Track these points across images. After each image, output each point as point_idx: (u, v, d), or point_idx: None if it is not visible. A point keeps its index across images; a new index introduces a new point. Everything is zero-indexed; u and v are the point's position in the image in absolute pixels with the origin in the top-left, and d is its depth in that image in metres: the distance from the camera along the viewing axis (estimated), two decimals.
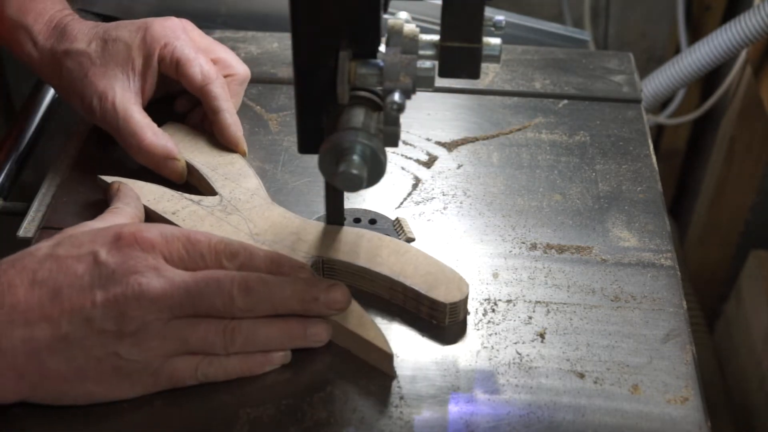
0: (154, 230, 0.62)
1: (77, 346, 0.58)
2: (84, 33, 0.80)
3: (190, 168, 0.78)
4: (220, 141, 0.80)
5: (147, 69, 0.79)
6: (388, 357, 0.64)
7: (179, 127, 0.82)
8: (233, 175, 0.77)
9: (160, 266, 0.60)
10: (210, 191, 0.77)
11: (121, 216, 0.69)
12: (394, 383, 0.64)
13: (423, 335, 0.68)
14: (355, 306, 0.66)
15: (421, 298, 0.68)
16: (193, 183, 0.79)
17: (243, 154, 0.80)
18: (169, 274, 0.60)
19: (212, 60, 0.82)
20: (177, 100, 0.85)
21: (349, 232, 0.72)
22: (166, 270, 0.60)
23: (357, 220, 0.78)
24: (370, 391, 0.64)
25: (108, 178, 0.75)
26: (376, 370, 0.65)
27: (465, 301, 0.68)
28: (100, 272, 0.59)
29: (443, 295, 0.67)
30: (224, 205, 0.74)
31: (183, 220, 0.72)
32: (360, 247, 0.70)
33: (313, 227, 0.72)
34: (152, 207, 0.73)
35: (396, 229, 0.76)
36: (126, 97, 0.78)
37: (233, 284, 0.61)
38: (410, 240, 0.75)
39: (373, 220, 0.78)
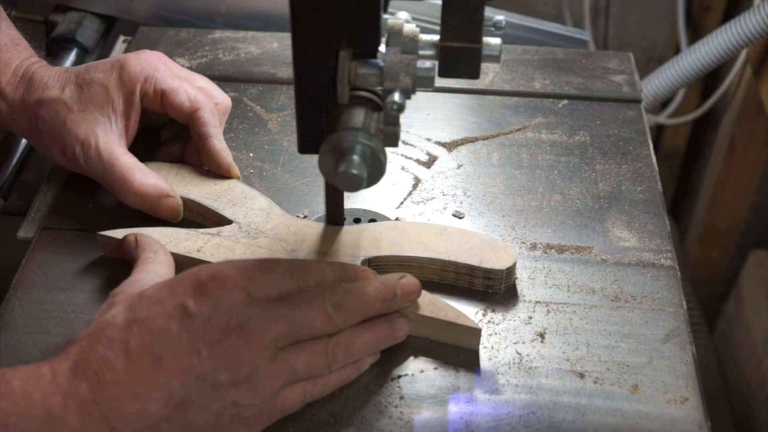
0: (229, 267, 0.60)
1: (195, 407, 0.56)
2: (55, 79, 0.76)
3: (189, 203, 0.75)
4: (210, 168, 0.78)
5: (129, 107, 0.76)
6: (477, 332, 0.66)
7: (161, 165, 0.78)
8: (239, 199, 0.75)
9: (252, 302, 0.58)
10: (221, 221, 0.74)
11: (159, 265, 0.66)
12: (395, 383, 0.64)
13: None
14: (424, 294, 0.66)
15: (476, 271, 0.69)
16: (194, 219, 0.76)
17: (237, 178, 0.78)
18: (263, 308, 0.58)
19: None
20: (162, 130, 0.83)
21: (376, 227, 0.72)
22: (259, 305, 0.58)
23: (357, 220, 0.78)
24: (370, 391, 0.64)
25: (110, 233, 0.72)
26: (376, 369, 0.65)
27: (515, 263, 0.70)
28: (196, 325, 0.57)
29: (497, 262, 0.69)
30: (246, 230, 0.72)
31: (211, 255, 0.70)
32: (397, 238, 0.71)
33: (338, 231, 0.72)
34: (174, 250, 0.70)
35: None
36: (110, 140, 0.74)
37: (325, 301, 0.60)
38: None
39: (373, 220, 0.78)
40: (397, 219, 0.77)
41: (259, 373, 0.57)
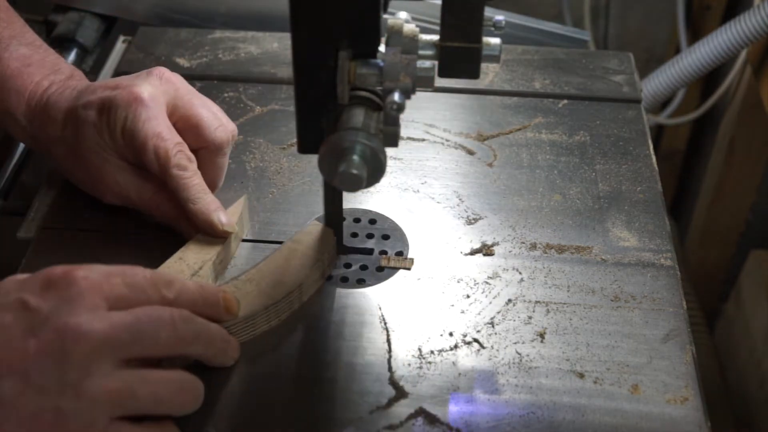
0: (90, 268, 0.57)
1: (9, 405, 0.52)
2: (62, 113, 0.73)
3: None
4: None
5: (121, 149, 0.72)
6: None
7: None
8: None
9: (100, 307, 0.55)
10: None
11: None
12: (394, 383, 0.64)
13: (422, 335, 0.68)
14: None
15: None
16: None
17: (225, 235, 0.72)
18: (109, 315, 0.55)
19: (185, 126, 0.74)
20: None
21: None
22: (106, 312, 0.55)
23: (357, 220, 0.78)
24: (370, 390, 0.64)
25: None
26: (375, 369, 0.65)
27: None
28: (32, 320, 0.54)
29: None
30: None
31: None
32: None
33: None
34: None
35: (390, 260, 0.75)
36: (124, 178, 0.73)
37: (173, 314, 0.58)
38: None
39: (373, 220, 0.78)
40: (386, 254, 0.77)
41: (90, 379, 0.53)
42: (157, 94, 0.73)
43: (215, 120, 0.75)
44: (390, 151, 0.63)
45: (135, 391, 0.55)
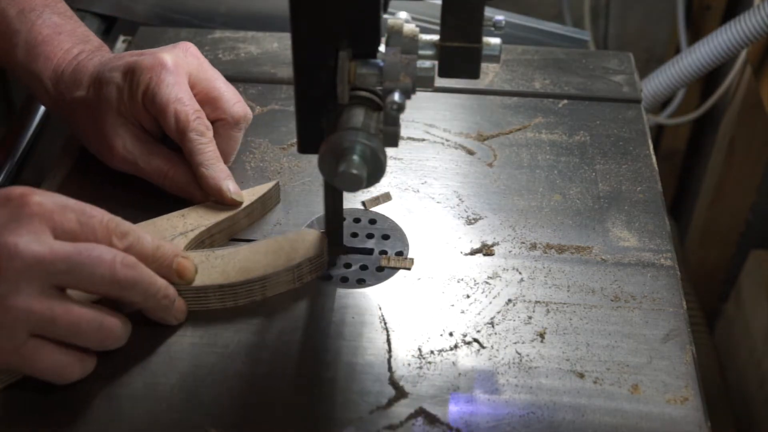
0: (48, 197, 0.60)
1: None
2: (87, 75, 0.77)
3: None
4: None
5: (140, 112, 0.76)
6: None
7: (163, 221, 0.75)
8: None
9: (44, 233, 0.58)
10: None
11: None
12: (394, 383, 0.64)
13: (422, 335, 0.68)
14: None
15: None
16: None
17: (233, 204, 0.75)
18: (51, 241, 0.58)
19: (205, 99, 0.78)
20: None
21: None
22: (49, 238, 0.58)
23: (357, 220, 0.78)
24: (370, 390, 0.64)
25: None
26: (375, 369, 0.65)
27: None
28: None
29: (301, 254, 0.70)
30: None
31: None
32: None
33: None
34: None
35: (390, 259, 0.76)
36: (132, 147, 0.76)
37: (116, 256, 0.60)
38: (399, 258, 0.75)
39: (373, 220, 0.78)
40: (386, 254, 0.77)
41: (16, 298, 0.57)
42: (181, 64, 0.76)
43: (234, 95, 0.79)
44: (390, 151, 0.63)
45: (56, 317, 0.58)
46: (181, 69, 0.76)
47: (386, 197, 0.79)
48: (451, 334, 0.68)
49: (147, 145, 0.76)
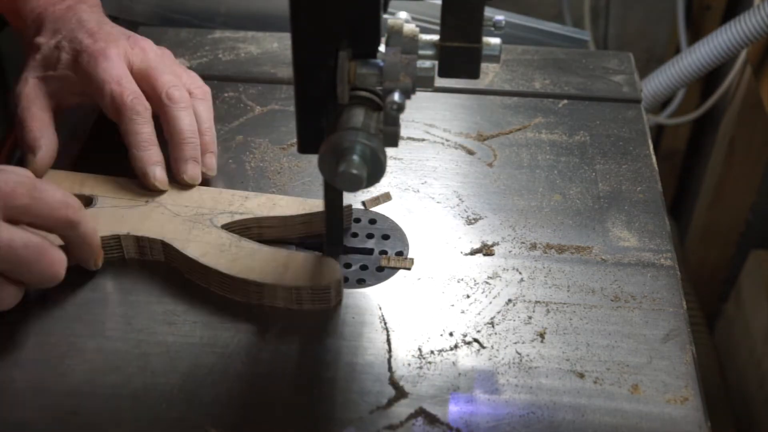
0: (2, 176, 0.62)
1: None
2: (51, 26, 0.80)
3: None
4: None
5: (67, 87, 0.78)
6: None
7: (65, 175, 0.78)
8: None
9: None
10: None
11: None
12: (394, 383, 0.64)
13: (422, 335, 0.68)
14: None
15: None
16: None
17: (154, 189, 0.75)
18: None
19: (146, 88, 0.78)
20: None
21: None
22: None
23: (357, 220, 0.78)
24: (370, 390, 0.64)
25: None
26: (375, 369, 0.65)
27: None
28: None
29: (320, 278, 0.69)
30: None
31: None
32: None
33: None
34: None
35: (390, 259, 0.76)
36: (33, 93, 0.77)
37: (57, 262, 0.63)
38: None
39: (373, 220, 0.78)
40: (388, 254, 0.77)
41: None
42: (123, 54, 0.78)
43: (173, 79, 0.78)
44: (390, 151, 0.63)
45: None
46: (122, 57, 0.77)
47: (386, 197, 0.79)
48: (451, 334, 0.68)
49: (37, 100, 0.77)
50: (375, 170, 0.61)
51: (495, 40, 0.62)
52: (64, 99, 0.79)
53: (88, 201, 0.75)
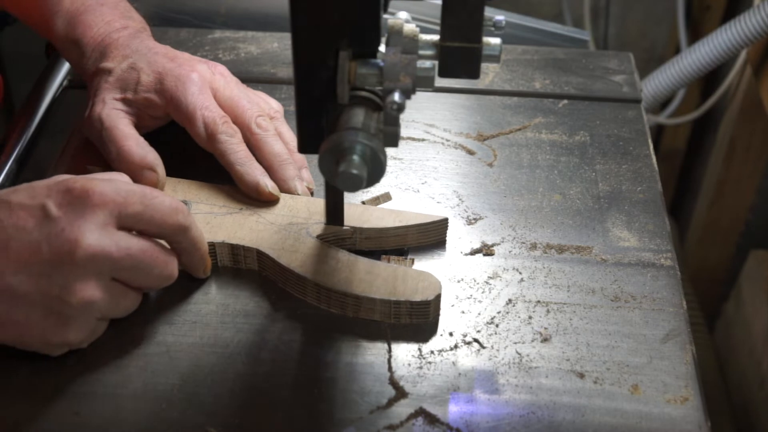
0: (108, 185, 0.62)
1: (20, 297, 0.60)
2: (119, 52, 0.80)
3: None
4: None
5: (149, 109, 0.78)
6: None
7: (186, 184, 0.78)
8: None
9: (110, 225, 0.61)
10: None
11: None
12: (394, 383, 0.64)
13: (422, 335, 0.68)
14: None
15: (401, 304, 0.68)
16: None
17: (271, 199, 0.76)
18: (116, 235, 0.61)
19: (230, 116, 0.79)
20: None
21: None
22: (114, 232, 0.61)
23: None
24: (370, 390, 0.64)
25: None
26: (375, 369, 0.65)
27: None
28: (50, 229, 0.60)
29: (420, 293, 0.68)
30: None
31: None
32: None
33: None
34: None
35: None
36: (114, 113, 0.77)
37: (170, 261, 0.65)
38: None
39: None
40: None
41: (89, 293, 0.60)
42: (207, 78, 0.79)
43: (254, 109, 0.79)
44: (390, 151, 0.64)
45: (119, 304, 0.64)
46: (206, 82, 0.78)
47: (386, 197, 0.79)
48: (451, 334, 0.68)
49: (125, 119, 0.77)
50: (375, 170, 0.61)
51: (495, 40, 0.62)
52: (143, 121, 0.79)
53: None
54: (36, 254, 0.59)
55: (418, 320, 0.68)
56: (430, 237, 0.75)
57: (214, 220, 0.73)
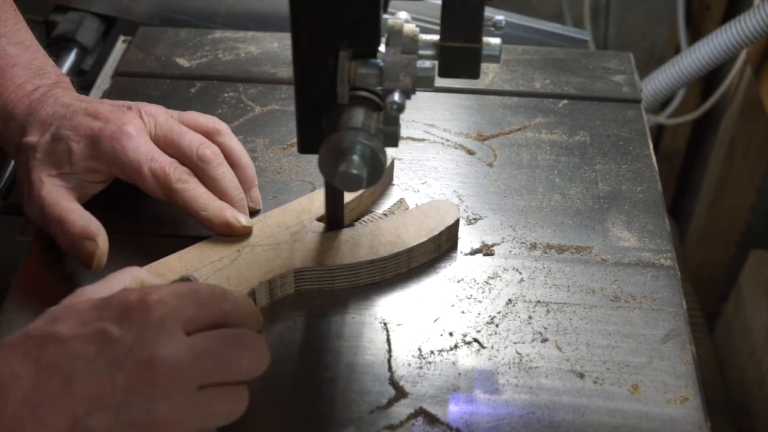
0: (162, 291, 0.56)
1: None
2: (37, 120, 0.74)
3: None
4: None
5: (91, 174, 0.73)
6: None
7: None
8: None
9: (177, 332, 0.55)
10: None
11: (125, 275, 0.61)
12: (395, 383, 0.64)
13: (422, 335, 0.68)
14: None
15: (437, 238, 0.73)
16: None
17: (245, 231, 0.73)
18: (188, 340, 0.55)
19: (173, 152, 0.74)
20: None
21: (352, 231, 0.73)
22: (183, 336, 0.55)
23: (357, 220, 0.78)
24: (370, 390, 0.64)
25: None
26: (375, 369, 0.65)
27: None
28: (116, 352, 0.53)
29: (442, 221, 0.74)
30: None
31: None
32: (373, 241, 0.72)
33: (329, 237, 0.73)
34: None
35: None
36: (54, 190, 0.72)
37: (256, 341, 0.58)
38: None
39: None
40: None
41: (179, 411, 0.53)
42: (140, 126, 0.74)
43: (194, 139, 0.75)
44: (390, 151, 0.63)
45: (217, 414, 0.55)
46: (141, 131, 0.74)
47: (402, 204, 0.79)
48: (451, 334, 0.68)
49: (67, 195, 0.72)
50: (375, 170, 0.61)
51: (495, 40, 0.62)
52: (85, 190, 0.74)
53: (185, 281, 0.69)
54: (107, 384, 0.52)
55: (453, 242, 0.75)
56: (387, 182, 0.81)
57: (226, 274, 0.70)
